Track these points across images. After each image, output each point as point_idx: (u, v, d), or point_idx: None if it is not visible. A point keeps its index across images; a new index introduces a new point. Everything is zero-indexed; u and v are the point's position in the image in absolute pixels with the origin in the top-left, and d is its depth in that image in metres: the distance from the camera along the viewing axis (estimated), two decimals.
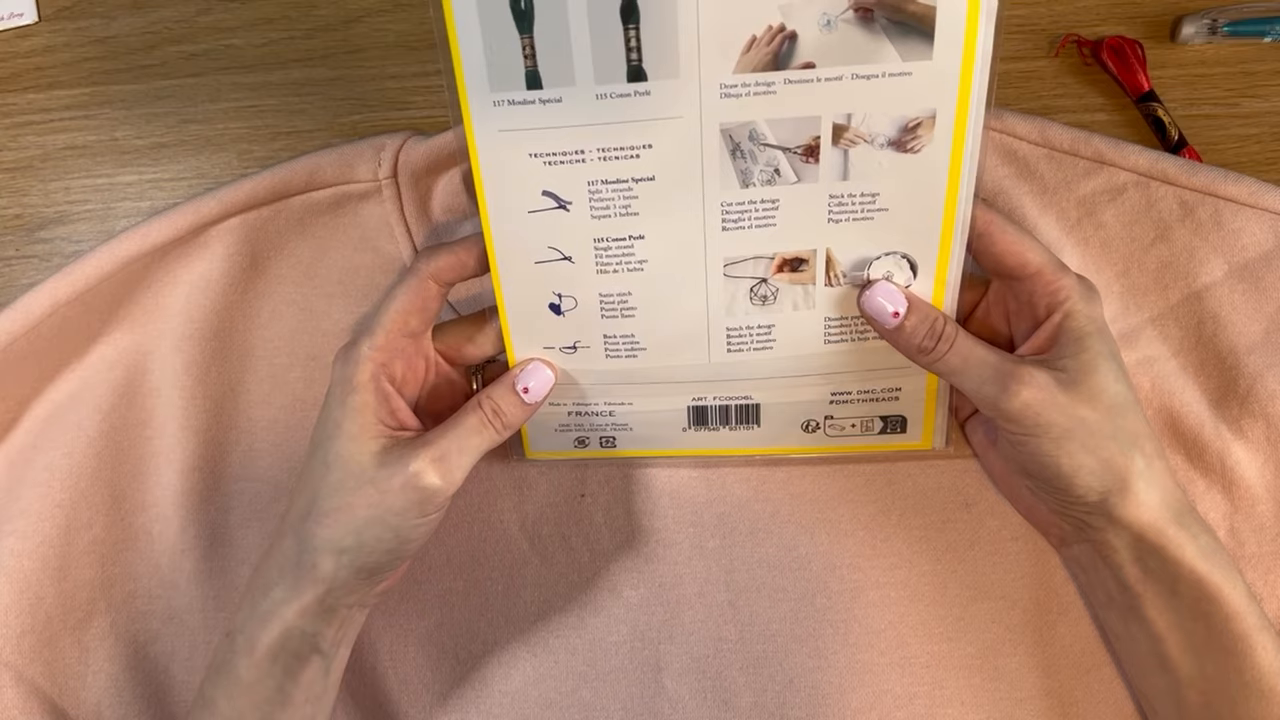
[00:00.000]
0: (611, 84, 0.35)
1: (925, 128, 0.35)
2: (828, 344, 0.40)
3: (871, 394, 0.42)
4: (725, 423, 0.43)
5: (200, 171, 0.46)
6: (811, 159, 0.36)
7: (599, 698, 0.45)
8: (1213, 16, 0.44)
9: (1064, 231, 0.43)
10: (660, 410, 0.43)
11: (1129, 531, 0.36)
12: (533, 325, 0.40)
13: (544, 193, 0.37)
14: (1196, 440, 0.43)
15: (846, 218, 0.37)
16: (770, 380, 0.42)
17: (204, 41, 0.46)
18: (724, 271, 0.39)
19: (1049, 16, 0.45)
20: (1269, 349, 0.43)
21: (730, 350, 0.41)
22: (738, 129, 0.36)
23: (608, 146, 0.36)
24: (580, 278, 0.39)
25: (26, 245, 0.47)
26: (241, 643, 0.38)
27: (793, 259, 0.39)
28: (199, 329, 0.44)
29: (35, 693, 0.44)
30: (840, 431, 0.43)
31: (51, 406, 0.45)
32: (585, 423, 0.43)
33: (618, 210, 0.37)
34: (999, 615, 0.44)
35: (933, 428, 0.43)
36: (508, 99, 0.35)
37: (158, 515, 0.45)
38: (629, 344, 0.41)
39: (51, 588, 0.44)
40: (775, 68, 0.35)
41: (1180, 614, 0.37)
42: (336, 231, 0.45)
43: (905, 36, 0.34)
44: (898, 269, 0.38)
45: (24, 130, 0.47)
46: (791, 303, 0.39)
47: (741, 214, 0.37)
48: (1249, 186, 0.43)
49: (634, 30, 0.34)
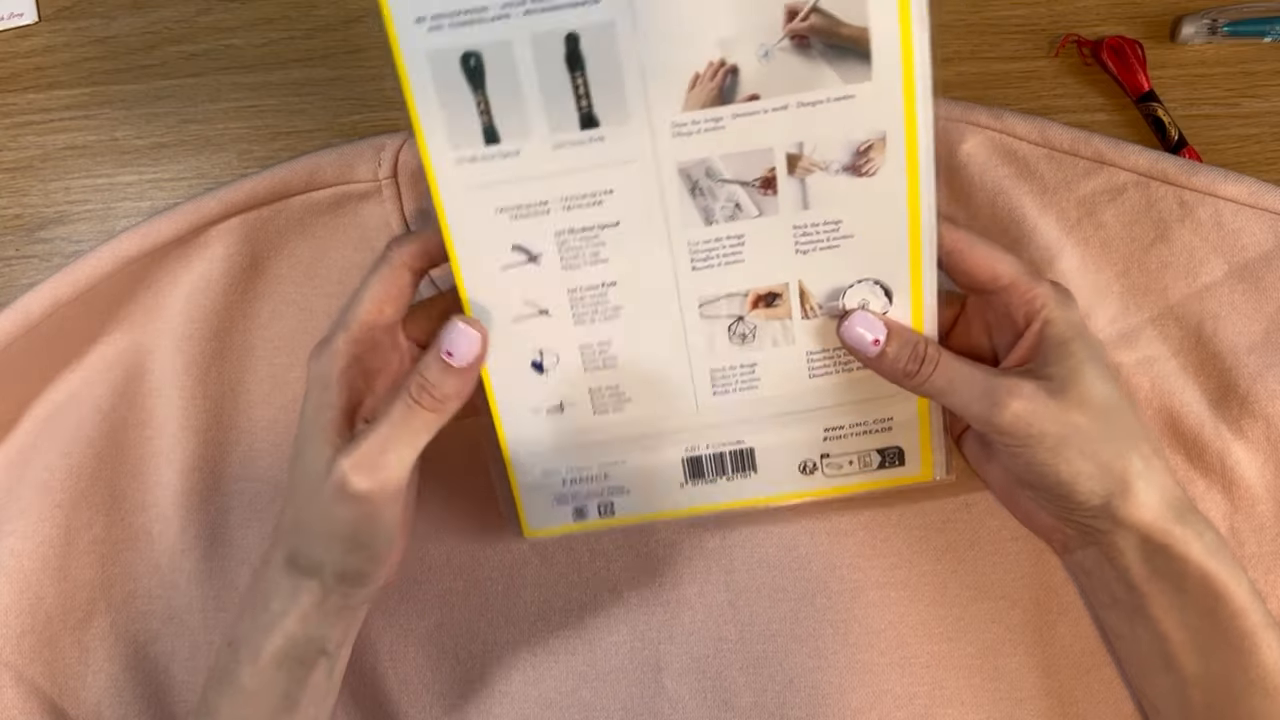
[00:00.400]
0: (566, 132, 0.35)
1: (877, 149, 0.36)
2: (813, 378, 0.40)
3: (864, 426, 0.42)
4: (721, 472, 0.42)
5: (200, 171, 0.46)
6: (770, 191, 0.37)
7: (599, 698, 0.45)
8: (1213, 16, 0.44)
9: (1064, 231, 0.43)
10: (655, 466, 0.42)
11: (1134, 532, 0.36)
12: (518, 388, 0.40)
13: (514, 247, 0.37)
14: (1196, 440, 0.43)
15: (813, 247, 0.38)
16: (760, 421, 0.41)
17: (204, 41, 0.46)
18: (700, 311, 0.39)
19: (1049, 16, 0.45)
20: (1269, 349, 0.43)
21: (716, 393, 0.40)
22: (694, 167, 0.36)
23: (570, 195, 0.37)
24: (559, 331, 0.39)
25: (26, 245, 0.47)
26: (245, 652, 0.37)
27: (766, 294, 0.39)
28: (199, 329, 0.44)
29: (35, 693, 0.44)
30: (838, 470, 0.42)
31: (51, 406, 0.45)
32: (581, 489, 0.43)
33: (587, 259, 0.38)
34: (999, 615, 0.44)
35: (931, 458, 0.42)
36: (469, 156, 0.36)
37: (158, 515, 0.45)
38: (615, 395, 0.40)
39: (51, 588, 0.44)
40: (721, 102, 0.35)
41: (1186, 612, 0.36)
42: (336, 231, 0.45)
43: (843, 59, 0.34)
44: (873, 296, 0.38)
45: (24, 130, 0.47)
46: (771, 339, 0.39)
47: (709, 252, 0.38)
48: (1249, 186, 0.43)
49: (581, 77, 0.35)
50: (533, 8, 0.34)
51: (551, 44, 0.34)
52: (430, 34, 0.34)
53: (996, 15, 0.45)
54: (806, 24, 0.34)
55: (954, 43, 0.45)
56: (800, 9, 0.34)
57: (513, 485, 0.42)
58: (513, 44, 0.34)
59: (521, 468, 0.42)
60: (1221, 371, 0.43)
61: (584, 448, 0.42)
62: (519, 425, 0.41)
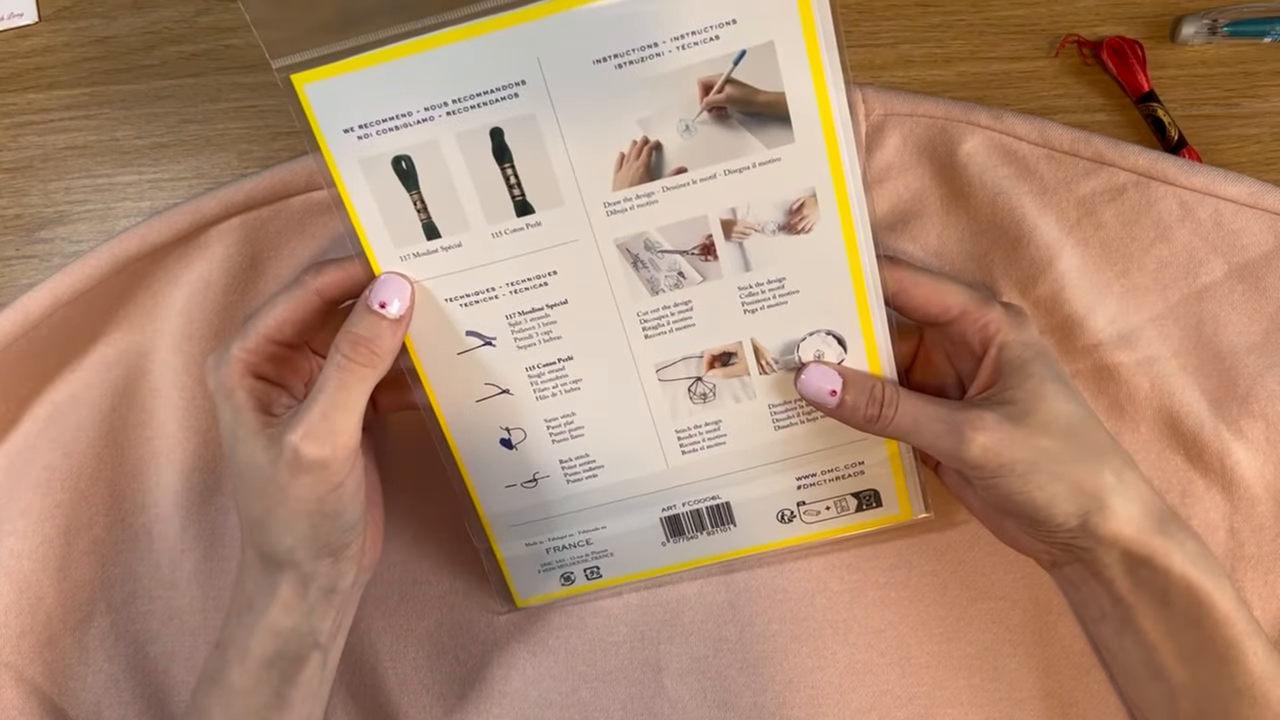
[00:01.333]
0: (503, 221, 0.37)
1: (809, 206, 0.36)
2: (778, 430, 0.41)
3: (836, 472, 0.42)
4: (701, 528, 0.43)
5: (200, 171, 0.46)
6: (710, 257, 0.38)
7: (599, 698, 0.45)
8: (1213, 17, 0.44)
9: (1064, 231, 0.43)
10: (635, 529, 0.43)
11: (1115, 547, 0.36)
12: (489, 466, 0.41)
13: (468, 333, 0.39)
14: (1196, 440, 0.43)
15: (760, 306, 0.38)
16: (733, 475, 0.42)
17: (204, 41, 0.46)
18: (658, 377, 0.40)
19: (1049, 16, 0.45)
20: (1269, 349, 0.43)
21: (685, 452, 0.41)
22: (632, 241, 0.37)
23: (516, 280, 0.38)
24: (522, 408, 0.40)
25: (26, 245, 0.47)
26: (233, 653, 0.37)
27: (721, 354, 0.39)
28: (199, 329, 0.44)
29: (35, 693, 0.43)
30: (816, 516, 0.43)
31: (51, 407, 0.45)
32: (565, 556, 0.43)
33: (541, 337, 0.39)
34: (999, 615, 0.44)
35: (908, 497, 0.42)
36: (412, 252, 0.37)
37: (158, 515, 0.45)
38: (586, 464, 0.41)
39: (51, 588, 0.44)
40: (650, 178, 0.36)
41: (1172, 623, 0.36)
42: (336, 231, 0.45)
43: (763, 125, 0.35)
44: (826, 346, 0.39)
45: (24, 130, 0.47)
46: (732, 396, 0.40)
47: (659, 320, 0.39)
48: (1249, 187, 0.43)
49: (510, 168, 0.36)
50: (454, 108, 0.35)
51: (478, 140, 0.35)
52: (360, 142, 0.35)
53: (996, 15, 0.45)
54: (723, 95, 0.35)
55: (954, 43, 0.45)
56: (714, 82, 0.35)
57: (498, 559, 0.43)
58: (440, 143, 0.35)
59: (504, 541, 0.43)
60: (1221, 372, 0.43)
61: (562, 517, 0.42)
62: (496, 501, 0.42)
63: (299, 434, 0.34)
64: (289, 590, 0.37)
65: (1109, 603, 0.38)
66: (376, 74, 0.34)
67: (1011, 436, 0.35)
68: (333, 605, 0.38)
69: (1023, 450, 0.35)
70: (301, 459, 0.34)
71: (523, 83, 0.34)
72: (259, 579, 0.37)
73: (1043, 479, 0.35)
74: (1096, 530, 0.36)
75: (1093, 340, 0.43)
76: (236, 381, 0.36)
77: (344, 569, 0.38)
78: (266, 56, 0.34)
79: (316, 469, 0.35)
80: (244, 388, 0.36)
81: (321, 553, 0.37)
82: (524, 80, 0.34)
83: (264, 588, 0.37)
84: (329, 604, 0.38)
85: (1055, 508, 0.36)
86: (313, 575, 0.37)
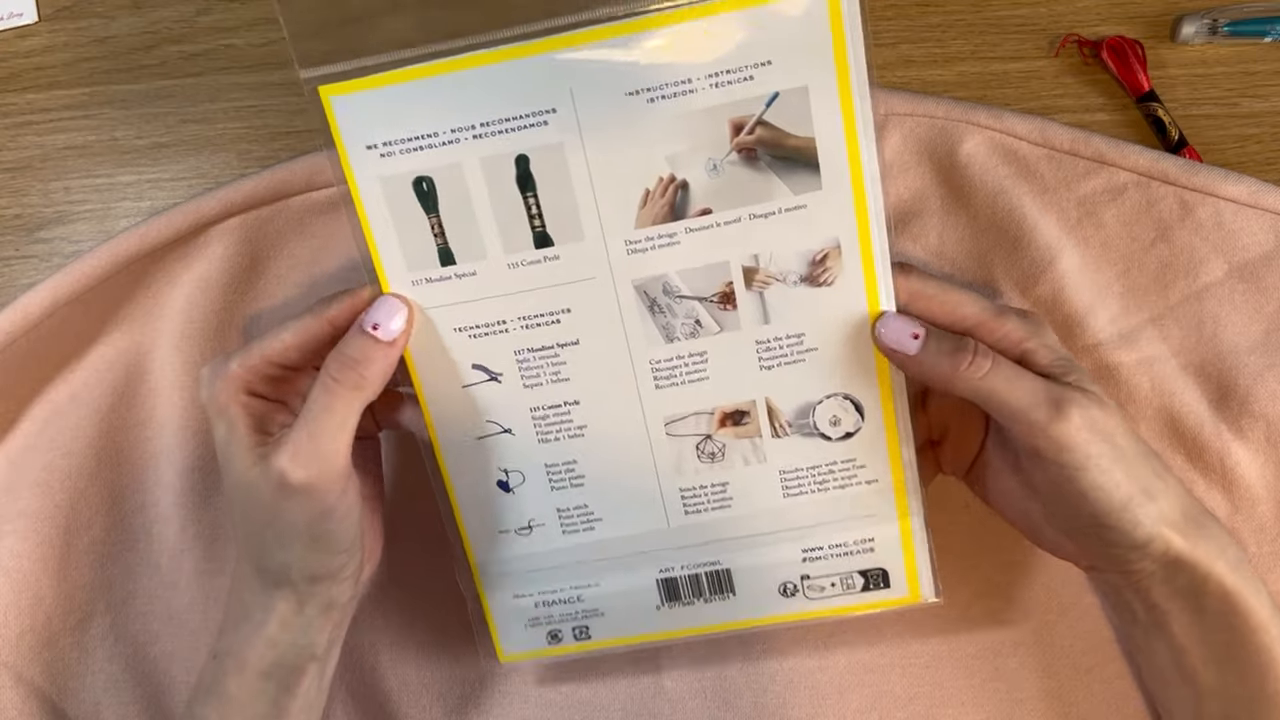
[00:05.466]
0: (520, 252, 0.36)
1: (833, 258, 0.36)
2: (788, 497, 0.39)
3: (844, 548, 0.40)
4: (699, 594, 0.41)
5: (200, 171, 0.46)
6: (729, 306, 0.37)
7: (599, 698, 0.45)
8: (1213, 16, 0.44)
9: (1064, 231, 0.43)
10: (630, 589, 0.41)
11: (1161, 555, 0.35)
12: (484, 508, 0.40)
13: (474, 366, 0.38)
14: (1196, 440, 0.43)
15: (777, 363, 0.37)
16: (736, 541, 0.40)
17: (204, 41, 0.46)
18: (666, 431, 0.38)
19: (1049, 16, 0.45)
20: (1269, 349, 0.43)
21: (688, 512, 0.40)
22: (650, 283, 0.36)
23: (528, 314, 0.37)
24: (523, 450, 0.39)
25: (26, 245, 0.47)
26: (231, 663, 0.37)
27: (733, 412, 0.38)
28: (199, 329, 0.44)
29: (34, 693, 0.43)
30: (820, 593, 0.41)
31: (51, 407, 0.45)
32: (555, 613, 0.42)
33: (549, 377, 0.38)
34: (999, 615, 0.44)
35: (918, 579, 0.40)
36: (425, 277, 0.36)
37: (157, 515, 0.45)
38: (584, 515, 0.40)
39: (51, 588, 0.44)
40: (674, 218, 0.35)
41: (1205, 628, 0.36)
42: (336, 231, 0.45)
43: (792, 170, 0.35)
44: (843, 412, 0.38)
45: (24, 130, 0.46)
46: (742, 458, 0.39)
47: (672, 370, 0.38)
48: (1249, 186, 0.43)
49: (533, 198, 0.35)
50: (481, 131, 0.34)
51: (502, 166, 0.35)
52: (382, 160, 0.35)
53: (996, 15, 0.45)
54: (753, 137, 0.34)
55: (954, 43, 0.45)
56: (745, 122, 0.34)
57: (484, 608, 0.42)
58: (463, 167, 0.35)
59: (492, 590, 0.42)
60: (1222, 372, 0.43)
61: (555, 570, 0.41)
62: (487, 547, 0.41)
63: (286, 457, 0.34)
64: (285, 606, 0.36)
65: (1143, 608, 0.37)
66: (405, 91, 0.34)
67: (1102, 424, 0.33)
68: (330, 620, 0.38)
69: (1107, 443, 0.34)
70: (289, 483, 0.34)
71: (553, 110, 0.34)
72: (255, 593, 0.37)
73: (1120, 477, 0.34)
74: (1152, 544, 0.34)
75: (1093, 340, 0.43)
76: (231, 398, 0.35)
77: (341, 588, 0.37)
78: (295, 66, 0.34)
79: (304, 492, 0.34)
80: (239, 404, 0.36)
81: (316, 574, 0.36)
82: (554, 108, 0.34)
83: (261, 601, 0.37)
84: (326, 619, 0.37)
85: (1129, 512, 0.34)
86: (309, 595, 0.36)
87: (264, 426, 0.36)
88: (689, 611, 0.41)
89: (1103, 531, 0.35)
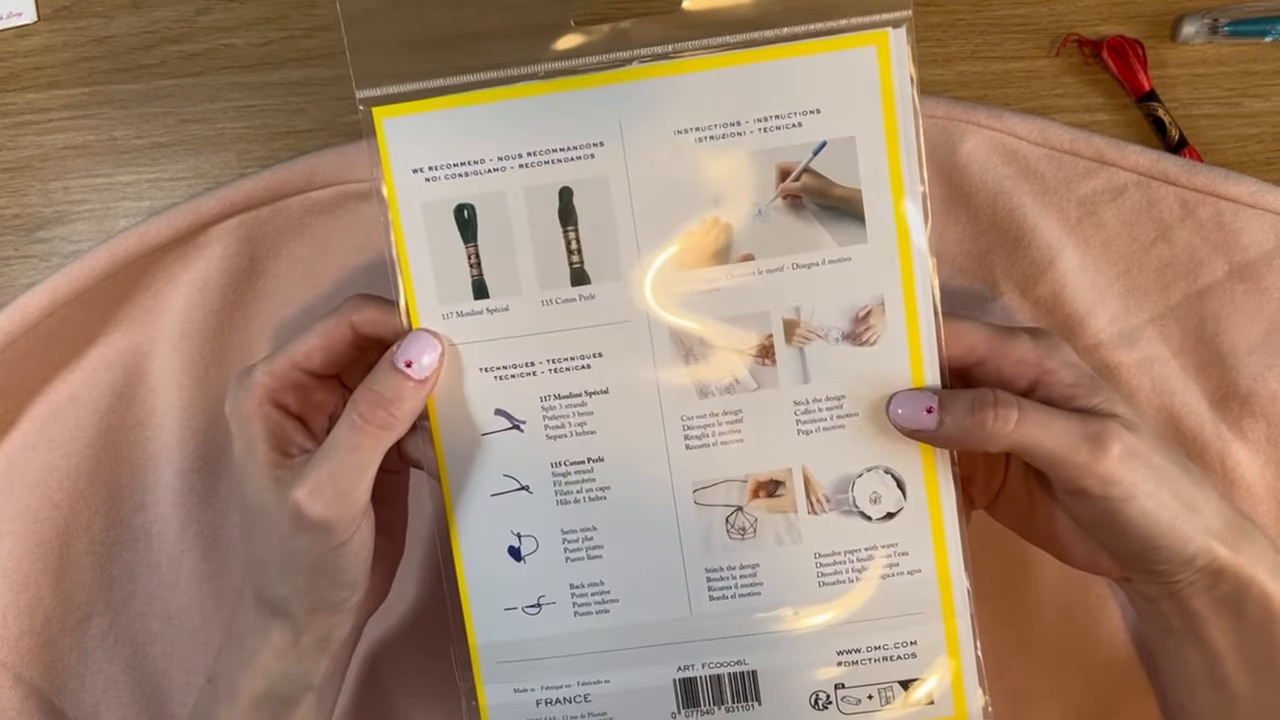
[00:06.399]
0: (556, 289, 0.35)
1: (876, 315, 0.35)
2: (823, 585, 0.36)
3: (884, 651, 0.37)
4: (720, 702, 0.37)
5: (199, 171, 0.46)
6: (768, 361, 0.35)
7: None
8: (1213, 16, 0.44)
9: (1064, 231, 0.43)
10: (643, 688, 0.37)
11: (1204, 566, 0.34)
12: (491, 577, 0.37)
13: (496, 411, 0.36)
14: (1196, 440, 0.43)
15: (816, 427, 0.35)
16: (764, 637, 0.36)
17: (203, 41, 0.46)
18: (695, 499, 0.36)
19: (1049, 16, 0.45)
20: (1269, 349, 0.43)
21: (713, 598, 0.36)
22: (687, 331, 0.35)
23: (558, 357, 0.35)
24: (540, 511, 0.36)
25: (25, 245, 0.47)
26: (223, 690, 0.36)
27: (768, 481, 0.36)
28: (198, 329, 0.44)
29: (34, 694, 0.43)
30: (856, 706, 0.37)
31: (50, 407, 0.45)
32: (557, 713, 0.37)
33: (573, 429, 0.36)
34: (999, 616, 0.44)
35: (963, 693, 0.37)
36: (456, 310, 0.35)
37: (157, 515, 0.45)
38: (599, 594, 0.37)
39: (50, 589, 0.44)
40: (716, 262, 0.35)
41: (1243, 635, 0.35)
42: (336, 231, 0.45)
43: (837, 221, 0.34)
44: (884, 488, 0.36)
45: (23, 130, 0.46)
46: (775, 535, 0.36)
47: (705, 429, 0.36)
48: (1250, 186, 0.42)
49: (573, 232, 0.34)
50: (527, 161, 0.34)
51: (545, 197, 0.34)
52: (427, 184, 0.34)
53: (997, 15, 0.45)
54: (799, 184, 0.34)
55: (954, 42, 0.45)
56: (792, 169, 0.34)
57: (480, 705, 0.38)
58: (506, 196, 0.34)
59: (491, 682, 0.38)
60: (1222, 372, 0.43)
61: (562, 660, 0.37)
62: (491, 626, 0.37)
63: (304, 491, 0.32)
64: (280, 637, 0.35)
65: (1179, 616, 0.36)
66: (455, 116, 0.34)
67: (1140, 449, 0.32)
68: (327, 653, 0.36)
69: (1149, 467, 0.32)
70: (304, 517, 0.32)
71: (601, 144, 0.34)
72: (253, 618, 0.36)
73: (1166, 498, 0.32)
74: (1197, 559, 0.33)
75: (1093, 340, 0.43)
76: (254, 409, 0.34)
77: (339, 620, 0.36)
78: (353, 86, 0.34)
79: (319, 529, 0.33)
80: (261, 417, 0.34)
81: (317, 607, 0.35)
82: (602, 142, 0.34)
83: (256, 628, 0.36)
84: (322, 652, 0.36)
85: (1178, 531, 0.33)
86: (306, 627, 0.35)
87: (283, 446, 0.35)
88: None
89: (1151, 552, 0.33)
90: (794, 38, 0.33)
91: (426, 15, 0.34)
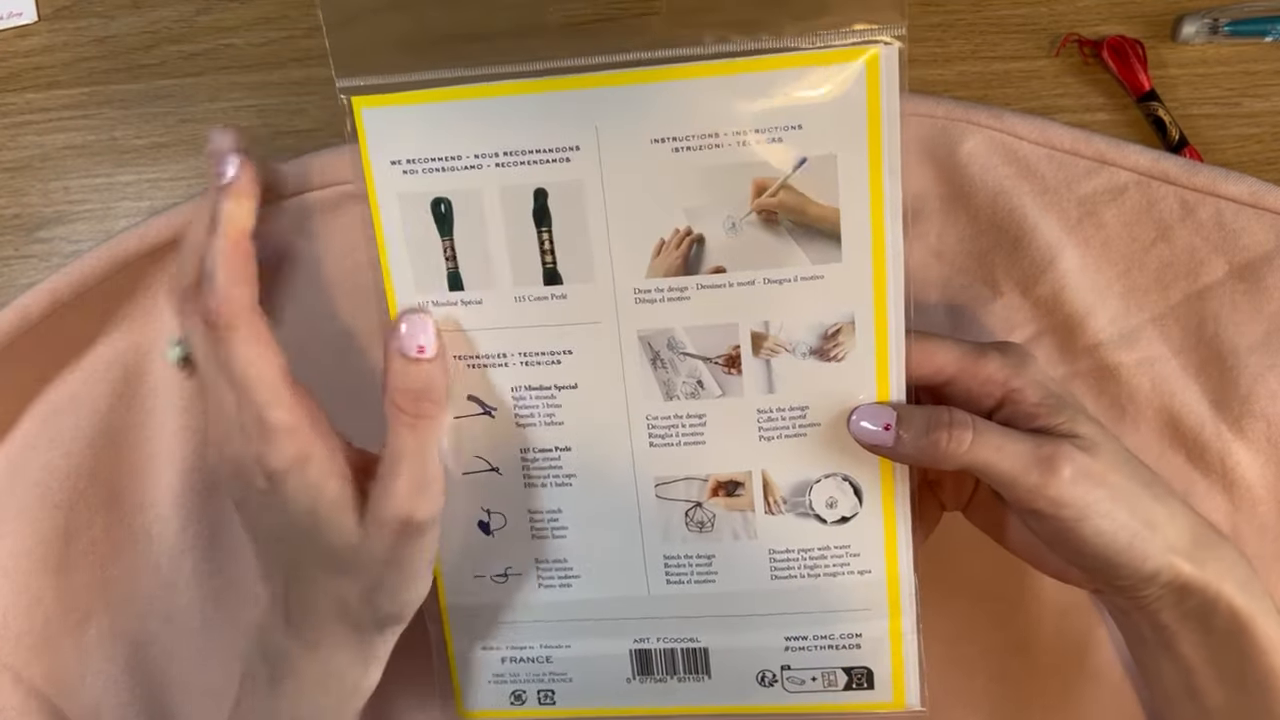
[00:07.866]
0: (529, 287, 0.35)
1: (846, 333, 0.35)
2: (775, 579, 0.38)
3: (830, 640, 0.39)
4: (672, 671, 0.40)
5: (200, 171, 0.46)
6: (734, 370, 0.36)
7: None
8: (1214, 16, 0.44)
9: (1065, 231, 0.43)
10: (601, 655, 0.40)
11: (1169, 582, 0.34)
12: (462, 548, 0.39)
13: (469, 397, 0.37)
14: (1196, 440, 0.43)
15: (778, 434, 0.36)
16: (716, 619, 0.39)
17: (204, 41, 0.46)
18: (656, 493, 0.37)
19: (1049, 16, 0.45)
20: (1270, 349, 0.43)
21: (670, 582, 0.38)
22: (656, 336, 0.36)
23: (529, 351, 0.36)
24: (508, 491, 0.38)
25: (25, 245, 0.47)
26: None
27: (727, 481, 0.37)
28: None
29: (33, 694, 0.43)
30: (800, 686, 0.39)
31: (50, 407, 0.45)
32: (521, 671, 0.40)
33: (542, 419, 0.37)
34: (1000, 616, 0.44)
35: (904, 683, 0.39)
36: (431, 300, 0.36)
37: (157, 515, 0.45)
38: (562, 571, 0.39)
39: (50, 588, 0.44)
40: (686, 272, 0.35)
41: (1213, 649, 0.35)
42: (336, 231, 0.45)
43: (812, 239, 0.34)
44: (841, 494, 0.37)
45: (23, 130, 0.46)
46: (731, 531, 0.38)
47: (668, 429, 0.37)
48: (1250, 186, 0.42)
49: (547, 233, 0.35)
50: (504, 160, 0.34)
51: (520, 197, 0.35)
52: (404, 177, 0.35)
53: (997, 15, 0.45)
54: (775, 200, 0.34)
55: (954, 43, 0.45)
56: (769, 184, 0.34)
57: (449, 655, 0.41)
58: (482, 194, 0.35)
59: (460, 637, 0.41)
60: (1222, 372, 0.43)
61: (526, 625, 0.40)
62: (461, 590, 0.40)
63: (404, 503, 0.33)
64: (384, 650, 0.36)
65: (1150, 629, 0.36)
66: (435, 111, 0.34)
67: (1095, 470, 0.32)
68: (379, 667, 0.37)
69: (1103, 487, 0.33)
70: (414, 522, 0.33)
71: (577, 148, 0.34)
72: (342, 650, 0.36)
73: (1123, 517, 0.33)
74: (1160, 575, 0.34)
75: (1093, 340, 0.43)
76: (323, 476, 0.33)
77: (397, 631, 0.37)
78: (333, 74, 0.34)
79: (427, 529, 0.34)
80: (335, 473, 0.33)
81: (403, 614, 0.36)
82: (578, 146, 0.34)
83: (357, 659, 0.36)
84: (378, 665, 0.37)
85: (1135, 549, 0.33)
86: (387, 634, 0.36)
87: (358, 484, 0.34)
88: (661, 689, 0.40)
89: (1110, 569, 0.34)
90: (781, 49, 0.33)
91: (409, 9, 0.34)
